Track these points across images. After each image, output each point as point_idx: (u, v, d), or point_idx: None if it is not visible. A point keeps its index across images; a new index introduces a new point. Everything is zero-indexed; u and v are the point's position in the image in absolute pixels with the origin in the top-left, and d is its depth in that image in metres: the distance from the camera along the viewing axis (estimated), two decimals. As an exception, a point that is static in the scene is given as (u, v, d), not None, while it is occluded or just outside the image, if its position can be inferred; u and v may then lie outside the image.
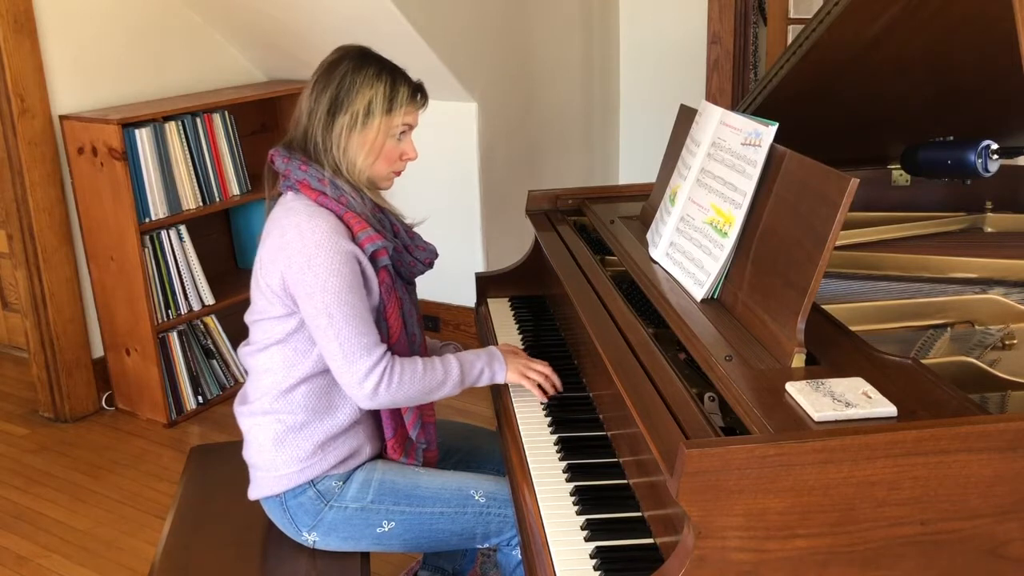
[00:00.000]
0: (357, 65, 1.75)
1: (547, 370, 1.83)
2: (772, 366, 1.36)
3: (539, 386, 1.81)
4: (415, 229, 1.90)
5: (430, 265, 1.90)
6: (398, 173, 1.83)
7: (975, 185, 2.08)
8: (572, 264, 2.00)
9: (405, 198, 1.90)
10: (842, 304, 1.73)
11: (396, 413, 1.80)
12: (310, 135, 1.75)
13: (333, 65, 1.76)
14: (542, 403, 1.81)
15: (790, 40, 3.91)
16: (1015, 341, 1.61)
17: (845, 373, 1.31)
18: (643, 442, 1.34)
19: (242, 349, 1.84)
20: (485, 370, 1.81)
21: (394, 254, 1.78)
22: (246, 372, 1.85)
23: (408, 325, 1.80)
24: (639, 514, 1.43)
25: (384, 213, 1.80)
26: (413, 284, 1.91)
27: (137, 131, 3.14)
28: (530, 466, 1.62)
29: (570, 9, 4.03)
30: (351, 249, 1.69)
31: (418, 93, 1.79)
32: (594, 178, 4.35)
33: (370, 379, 1.68)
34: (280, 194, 1.80)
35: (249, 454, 1.82)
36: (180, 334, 3.38)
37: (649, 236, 1.90)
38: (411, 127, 1.80)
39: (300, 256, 1.66)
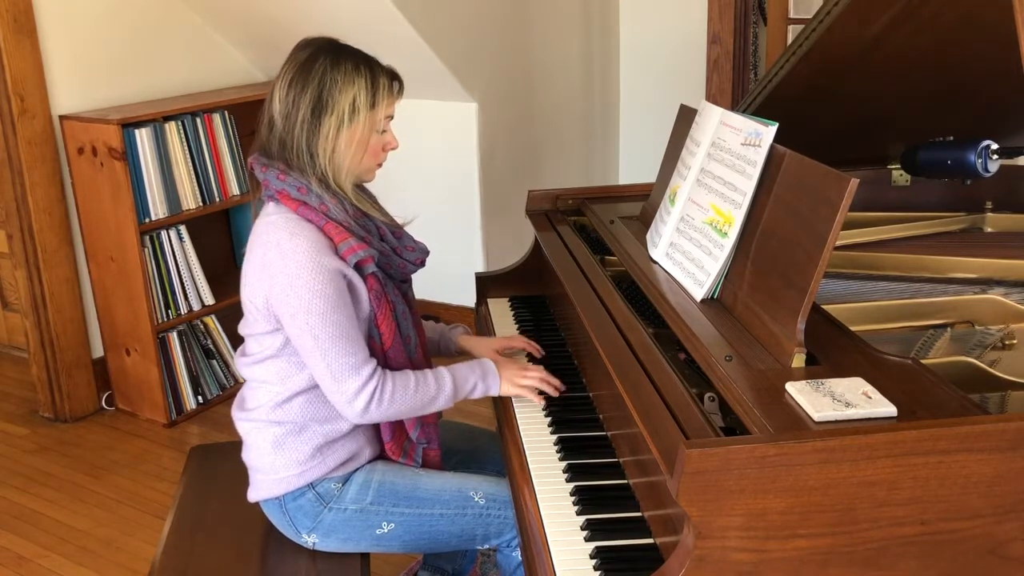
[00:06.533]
0: (335, 60, 1.68)
1: (541, 373, 1.82)
2: (772, 366, 1.36)
3: (540, 392, 1.80)
4: (406, 228, 1.86)
5: (422, 264, 1.86)
6: (380, 165, 1.80)
7: (975, 185, 2.08)
8: (572, 264, 2.00)
9: (405, 198, 1.90)
10: (842, 304, 1.73)
11: None
12: (290, 142, 1.68)
13: (308, 62, 1.68)
14: (543, 404, 1.81)
15: (790, 40, 3.91)
16: (1015, 341, 1.61)
17: (845, 373, 1.30)
18: (643, 442, 1.34)
19: (239, 359, 1.83)
20: (479, 384, 1.79)
21: (381, 258, 1.75)
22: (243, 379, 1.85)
23: (402, 327, 1.78)
24: (639, 514, 1.43)
25: (368, 218, 1.76)
26: (408, 282, 1.88)
27: (137, 131, 3.14)
28: (530, 466, 1.62)
29: (570, 9, 4.03)
30: (335, 265, 1.65)
31: (395, 82, 1.75)
32: (594, 178, 4.35)
33: (360, 398, 1.66)
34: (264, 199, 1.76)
35: (248, 457, 1.82)
36: (180, 334, 3.38)
37: (649, 236, 1.90)
38: (391, 118, 1.76)
39: (282, 277, 1.64)
